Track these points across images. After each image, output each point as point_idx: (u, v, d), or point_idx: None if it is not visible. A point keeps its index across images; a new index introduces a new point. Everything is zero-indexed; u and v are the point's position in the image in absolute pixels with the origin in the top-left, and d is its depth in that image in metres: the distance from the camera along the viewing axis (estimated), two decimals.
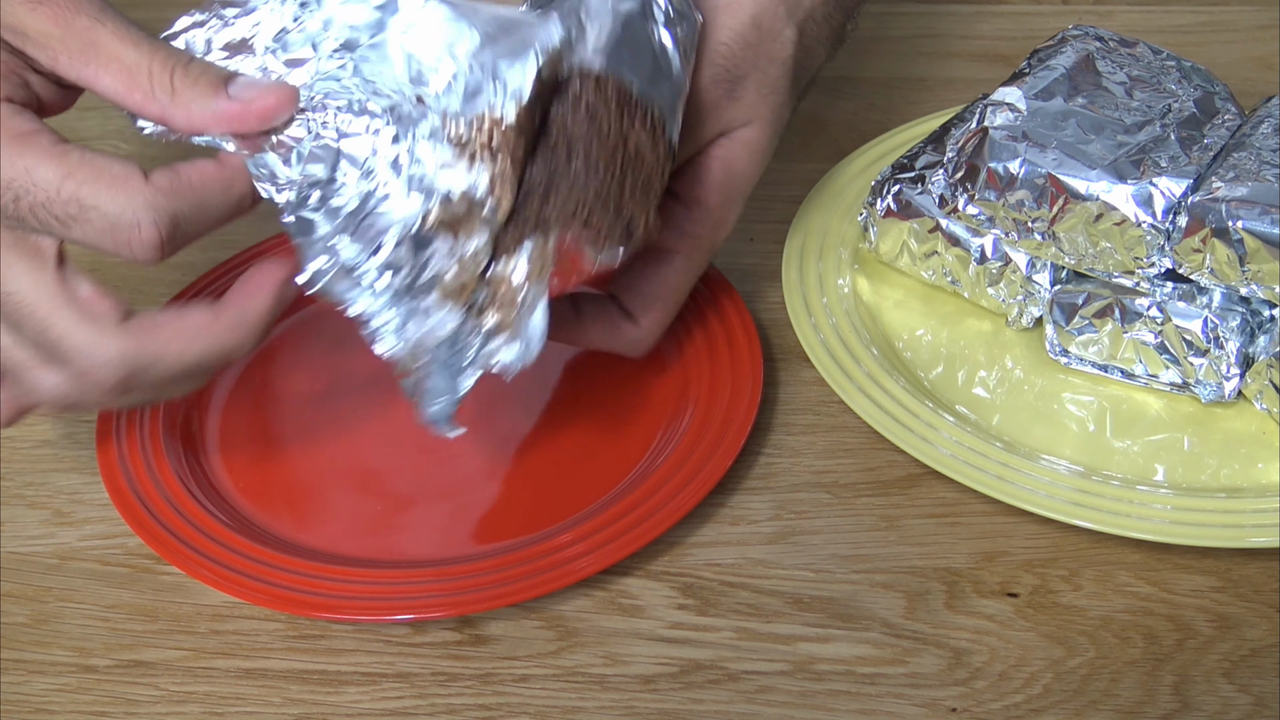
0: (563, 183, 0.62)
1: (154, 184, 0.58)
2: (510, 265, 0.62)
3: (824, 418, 0.73)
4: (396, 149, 0.61)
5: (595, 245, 0.62)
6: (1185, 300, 0.70)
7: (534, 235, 0.62)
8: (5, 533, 0.70)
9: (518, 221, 0.62)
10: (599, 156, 0.63)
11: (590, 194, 0.62)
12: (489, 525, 0.69)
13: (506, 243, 0.62)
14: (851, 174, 0.83)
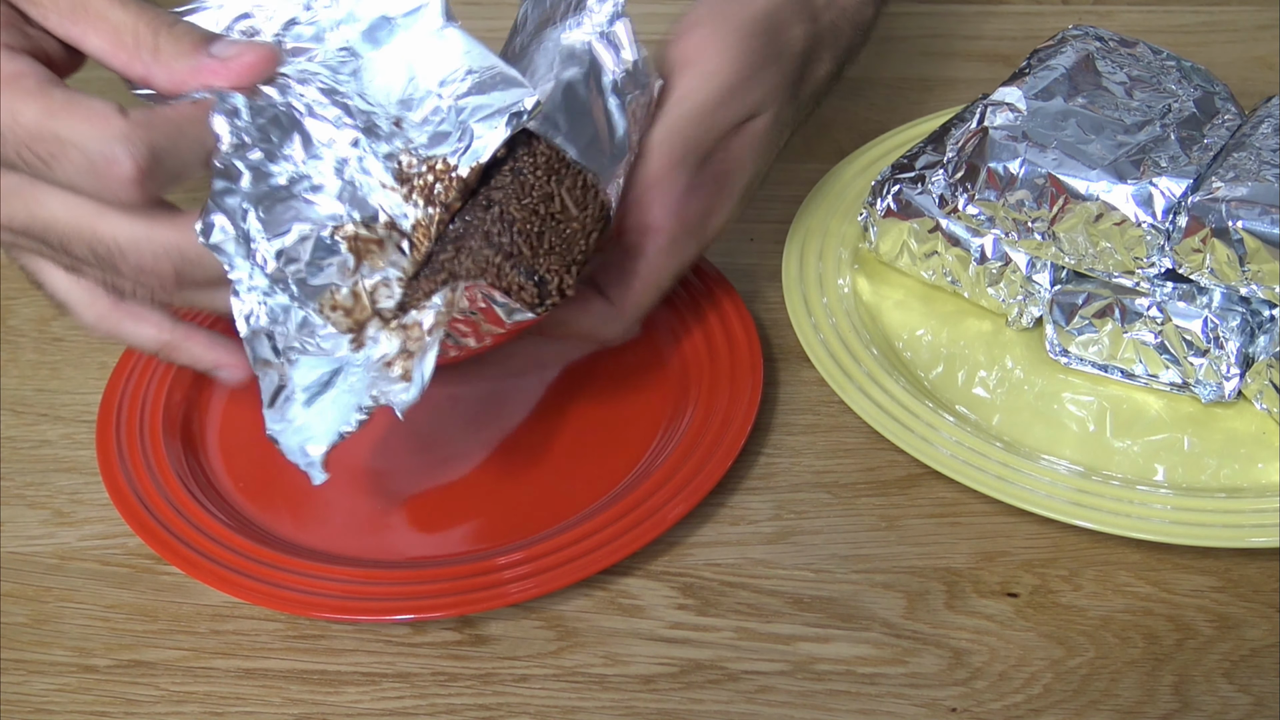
0: (476, 236, 0.63)
1: (130, 118, 0.58)
2: (421, 315, 0.62)
3: (824, 418, 0.73)
4: (351, 152, 0.62)
5: (505, 302, 0.61)
6: (1185, 300, 0.70)
7: (443, 288, 0.62)
8: (5, 533, 0.70)
9: (430, 271, 0.63)
10: (515, 214, 0.63)
11: (499, 252, 0.62)
12: (489, 525, 0.69)
13: (420, 293, 0.62)
14: (851, 174, 0.83)
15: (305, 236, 0.61)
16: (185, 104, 0.60)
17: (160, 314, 0.64)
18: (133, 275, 0.60)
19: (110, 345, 0.79)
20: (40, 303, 0.82)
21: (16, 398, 0.77)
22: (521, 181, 0.64)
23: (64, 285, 0.63)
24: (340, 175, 0.62)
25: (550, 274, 0.63)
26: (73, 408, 0.76)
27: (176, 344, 0.65)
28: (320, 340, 0.62)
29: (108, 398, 0.73)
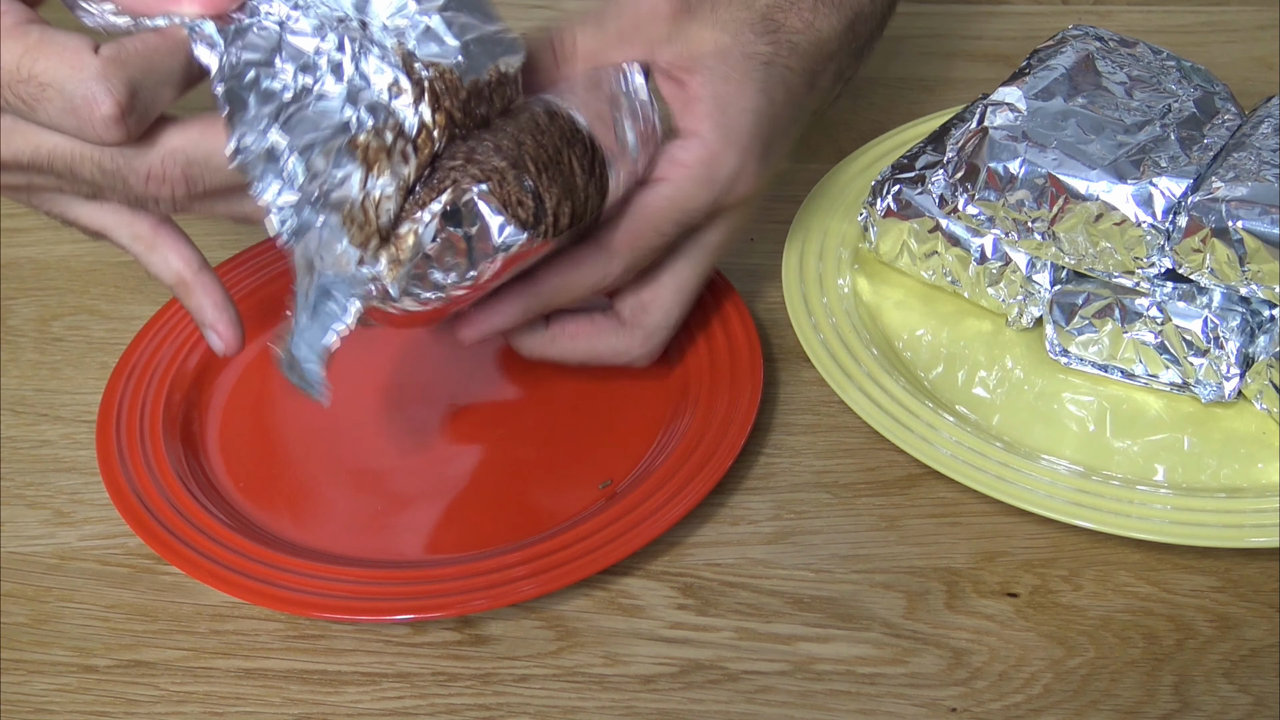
0: (483, 149, 0.62)
1: (102, 55, 0.57)
2: (417, 223, 0.62)
3: (824, 418, 0.73)
4: (341, 56, 0.61)
5: (500, 219, 0.61)
6: (1185, 300, 0.70)
7: (448, 192, 0.61)
8: (5, 533, 0.70)
9: (434, 181, 0.62)
10: (528, 142, 0.63)
11: (506, 160, 0.62)
12: (489, 525, 0.69)
13: (415, 202, 0.62)
14: (851, 174, 0.83)
15: (326, 150, 0.61)
16: (151, 34, 0.59)
17: (193, 250, 0.64)
18: (142, 187, 0.60)
19: (110, 345, 0.79)
20: (40, 302, 0.82)
21: (16, 398, 0.77)
22: (537, 126, 0.64)
23: (92, 214, 0.63)
24: (339, 79, 0.61)
25: (549, 195, 0.63)
26: (73, 408, 0.76)
27: (194, 286, 0.65)
28: (337, 256, 0.62)
29: (108, 398, 0.73)
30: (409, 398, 0.74)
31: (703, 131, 0.69)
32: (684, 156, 0.69)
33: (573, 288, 0.69)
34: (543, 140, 0.63)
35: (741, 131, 0.69)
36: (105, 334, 0.80)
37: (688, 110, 0.69)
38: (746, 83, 0.70)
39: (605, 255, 0.68)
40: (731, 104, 0.69)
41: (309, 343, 0.63)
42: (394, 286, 0.62)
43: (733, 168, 0.69)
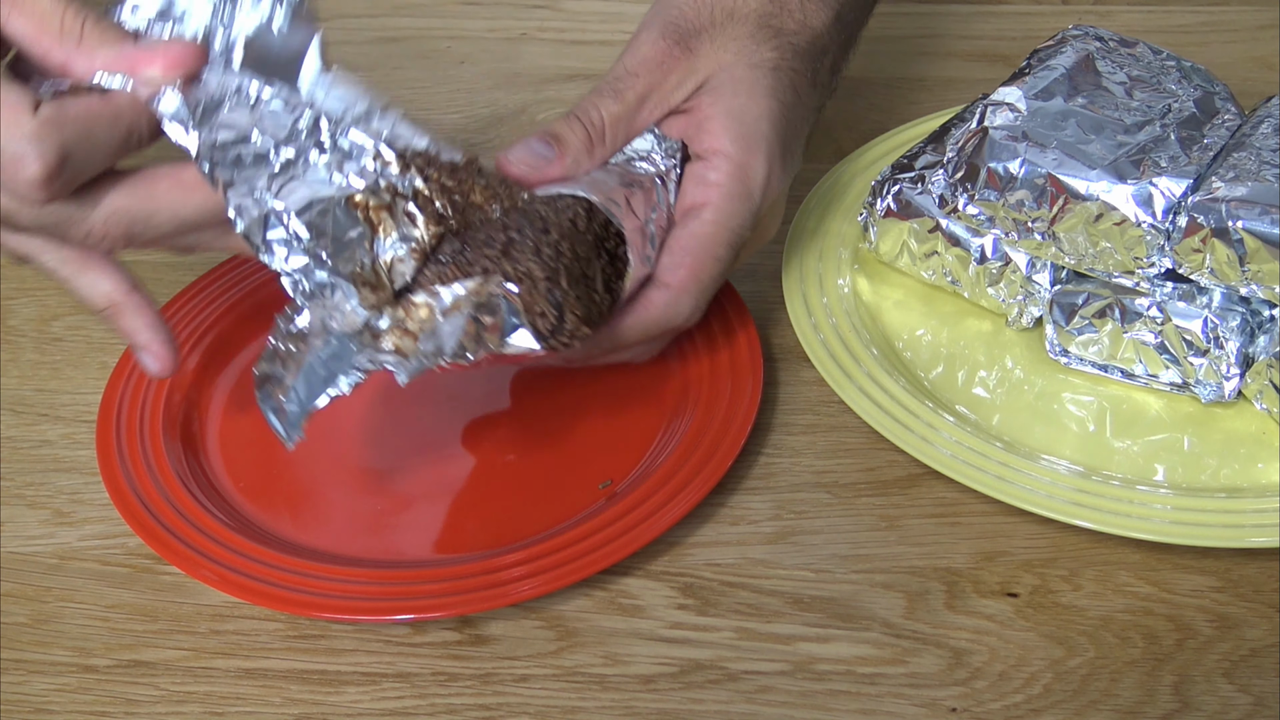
0: (523, 245, 0.63)
1: (40, 115, 0.57)
2: (432, 299, 0.62)
3: (824, 418, 0.73)
4: (320, 131, 0.63)
5: (517, 321, 0.62)
6: (1185, 300, 0.70)
7: (477, 279, 0.62)
8: (5, 533, 0.70)
9: (461, 259, 0.63)
10: (566, 252, 0.64)
11: (542, 268, 0.63)
12: (489, 525, 0.69)
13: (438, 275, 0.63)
14: (851, 174, 0.83)
15: (325, 209, 0.61)
16: (94, 99, 0.59)
17: (123, 272, 0.64)
18: (81, 241, 0.60)
19: (110, 345, 0.79)
20: (40, 302, 0.82)
21: (16, 398, 0.77)
22: (576, 228, 0.65)
23: (17, 241, 0.63)
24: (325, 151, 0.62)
25: (571, 314, 0.63)
26: (73, 408, 0.76)
27: (125, 309, 0.64)
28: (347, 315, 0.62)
29: (108, 398, 0.73)
30: (409, 398, 0.74)
31: (724, 147, 0.70)
32: (714, 176, 0.70)
33: (645, 329, 0.70)
34: (579, 249, 0.64)
35: (761, 138, 0.70)
36: (105, 334, 0.80)
37: (704, 131, 0.70)
38: (756, 90, 0.71)
39: (672, 295, 0.69)
40: (746, 114, 0.70)
41: (300, 395, 0.63)
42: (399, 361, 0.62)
43: (762, 174, 0.70)
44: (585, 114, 0.70)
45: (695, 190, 0.70)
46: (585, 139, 0.69)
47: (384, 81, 0.98)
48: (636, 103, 0.70)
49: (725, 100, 0.70)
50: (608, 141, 0.70)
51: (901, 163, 0.77)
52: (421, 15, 1.04)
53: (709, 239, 0.69)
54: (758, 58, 0.71)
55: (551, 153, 0.69)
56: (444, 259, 0.63)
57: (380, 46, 1.01)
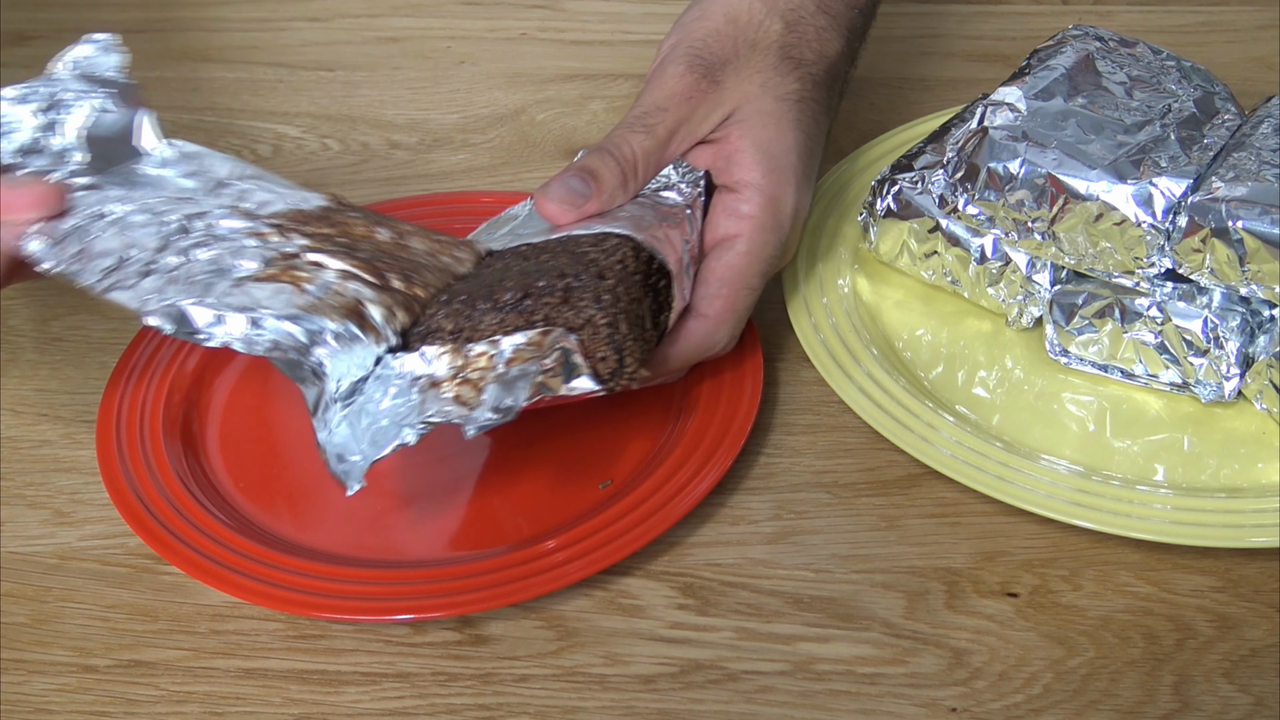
0: (583, 291, 0.64)
1: None
2: (493, 349, 0.62)
3: (824, 418, 0.73)
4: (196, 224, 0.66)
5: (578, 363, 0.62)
6: (1185, 300, 0.70)
7: (539, 329, 0.62)
8: (5, 533, 0.70)
9: (521, 309, 0.63)
10: (624, 292, 0.64)
11: (603, 314, 0.63)
12: (489, 525, 0.69)
13: (499, 324, 0.63)
14: (851, 174, 0.83)
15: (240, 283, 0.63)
16: None
17: None
18: None
19: (110, 345, 0.79)
20: (40, 302, 0.82)
21: (16, 398, 0.77)
22: (627, 270, 0.66)
23: None
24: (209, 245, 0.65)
25: (630, 356, 0.64)
26: (73, 408, 0.76)
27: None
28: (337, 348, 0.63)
29: (108, 398, 0.73)
30: None
31: (755, 180, 0.71)
32: (747, 209, 0.71)
33: (683, 358, 0.71)
34: (632, 291, 0.65)
35: (790, 169, 0.72)
36: (105, 334, 0.80)
37: (734, 163, 0.71)
38: (784, 123, 0.72)
39: (710, 325, 0.70)
40: (775, 146, 0.72)
41: (364, 446, 0.62)
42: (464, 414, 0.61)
43: (791, 205, 0.72)
44: (618, 149, 0.71)
45: (728, 222, 0.71)
46: (619, 175, 0.70)
47: (384, 81, 0.98)
48: (667, 137, 0.71)
49: (754, 133, 0.72)
50: (639, 175, 0.71)
51: (901, 163, 0.77)
52: (421, 15, 1.04)
53: (744, 270, 0.71)
54: (783, 90, 0.73)
55: (589, 190, 0.69)
56: (505, 307, 0.64)
57: (380, 46, 1.01)
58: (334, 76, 0.98)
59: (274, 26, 1.04)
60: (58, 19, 1.04)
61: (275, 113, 0.95)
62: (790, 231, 0.72)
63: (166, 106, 0.96)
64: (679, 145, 0.72)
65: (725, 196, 0.71)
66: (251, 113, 0.96)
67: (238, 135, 0.93)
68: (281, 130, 0.94)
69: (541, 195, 0.70)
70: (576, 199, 0.69)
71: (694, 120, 0.72)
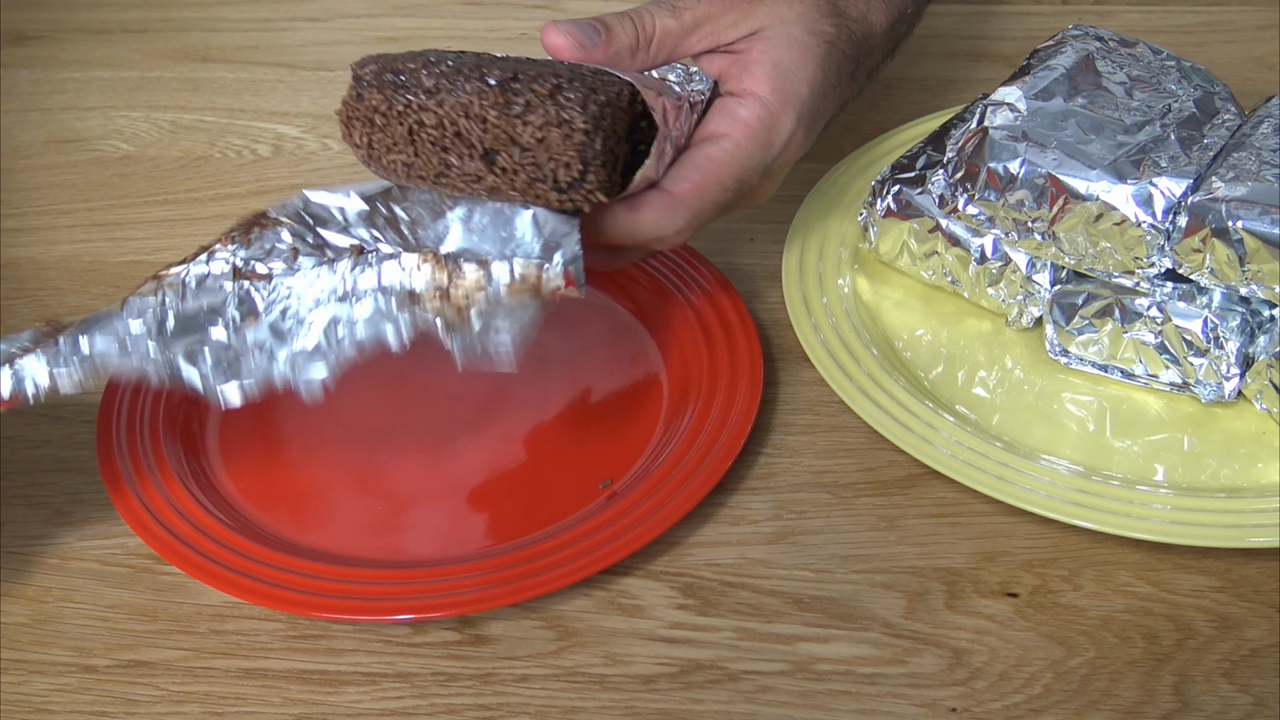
0: (575, 98, 0.63)
1: None
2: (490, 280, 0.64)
3: (824, 418, 0.73)
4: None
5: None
6: (1185, 300, 0.70)
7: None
8: (5, 533, 0.70)
9: (510, 91, 0.63)
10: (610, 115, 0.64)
11: (585, 123, 0.63)
12: (489, 525, 0.69)
13: (476, 95, 0.64)
14: (851, 174, 0.83)
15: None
16: None
17: None
18: None
19: None
20: (40, 303, 0.82)
21: None
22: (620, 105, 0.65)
23: None
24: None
25: (593, 177, 0.64)
26: (73, 408, 0.76)
27: None
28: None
29: (108, 398, 0.73)
30: (409, 398, 0.74)
31: (763, 94, 0.70)
32: (745, 115, 0.70)
33: (635, 231, 0.69)
34: (618, 125, 0.65)
35: (798, 99, 0.71)
36: None
37: (747, 73, 0.71)
38: (808, 55, 0.72)
39: (670, 203, 0.69)
40: (793, 72, 0.71)
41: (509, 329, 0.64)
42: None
43: (789, 130, 0.71)
44: (640, 18, 0.71)
45: (722, 121, 0.70)
46: (633, 39, 0.70)
47: None
48: (691, 25, 0.71)
49: (776, 52, 0.71)
50: (652, 50, 0.71)
51: (901, 163, 0.77)
52: (421, 15, 1.04)
53: (722, 165, 0.70)
54: (818, 26, 0.72)
55: (599, 39, 0.69)
56: (490, 82, 0.63)
57: (380, 47, 1.01)
58: (334, 76, 0.98)
59: (274, 26, 1.04)
60: (58, 19, 1.04)
61: (275, 113, 0.95)
62: (777, 158, 0.71)
63: (166, 106, 0.97)
64: (700, 40, 0.72)
65: (727, 100, 0.71)
66: (251, 113, 0.96)
67: (238, 135, 0.93)
68: (281, 130, 0.94)
69: (550, 25, 0.69)
70: (584, 40, 0.69)
71: (722, 22, 0.71)
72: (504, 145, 0.63)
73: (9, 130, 0.95)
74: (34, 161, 0.92)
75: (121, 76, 0.99)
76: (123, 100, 0.97)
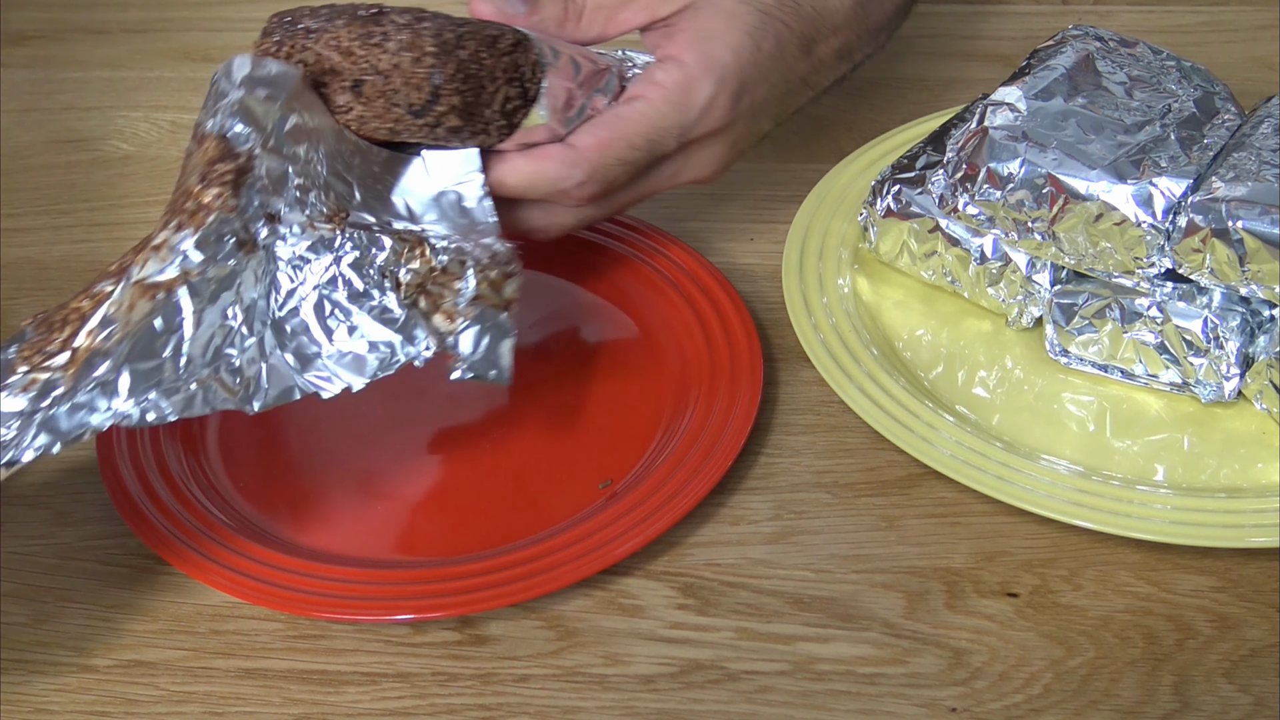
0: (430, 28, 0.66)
1: None
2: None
3: (824, 418, 0.73)
4: None
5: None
6: (1185, 300, 0.70)
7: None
8: (5, 533, 0.70)
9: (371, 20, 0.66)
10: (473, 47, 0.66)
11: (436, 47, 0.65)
12: (489, 525, 0.69)
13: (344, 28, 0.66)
14: (851, 174, 0.83)
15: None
16: None
17: None
18: None
19: None
20: (40, 303, 0.82)
21: None
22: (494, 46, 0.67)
23: None
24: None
25: (445, 103, 0.66)
26: None
27: None
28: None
29: None
30: (408, 397, 0.74)
31: (682, 57, 0.71)
32: (661, 78, 0.71)
33: (534, 181, 0.70)
34: (485, 60, 0.66)
35: (719, 64, 0.71)
36: None
37: (670, 39, 0.72)
38: (734, 23, 0.72)
39: (571, 155, 0.69)
40: (715, 38, 0.71)
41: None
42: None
43: (707, 95, 0.71)
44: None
45: (638, 85, 0.71)
46: (561, 10, 0.72)
47: None
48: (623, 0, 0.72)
49: (701, 20, 0.72)
50: (583, 23, 0.72)
51: (901, 163, 0.77)
52: None
53: (631, 124, 0.70)
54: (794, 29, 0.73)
55: (522, 7, 0.71)
56: (359, 16, 0.66)
57: None
58: None
59: None
60: (58, 19, 1.04)
61: None
62: (697, 121, 0.71)
63: (166, 106, 0.97)
64: (635, 15, 0.73)
65: (649, 67, 0.72)
66: None
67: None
68: None
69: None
70: (507, 8, 0.71)
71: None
72: (367, 74, 0.66)
73: (9, 130, 0.95)
74: (34, 161, 0.93)
75: (121, 76, 0.99)
76: (123, 100, 0.97)
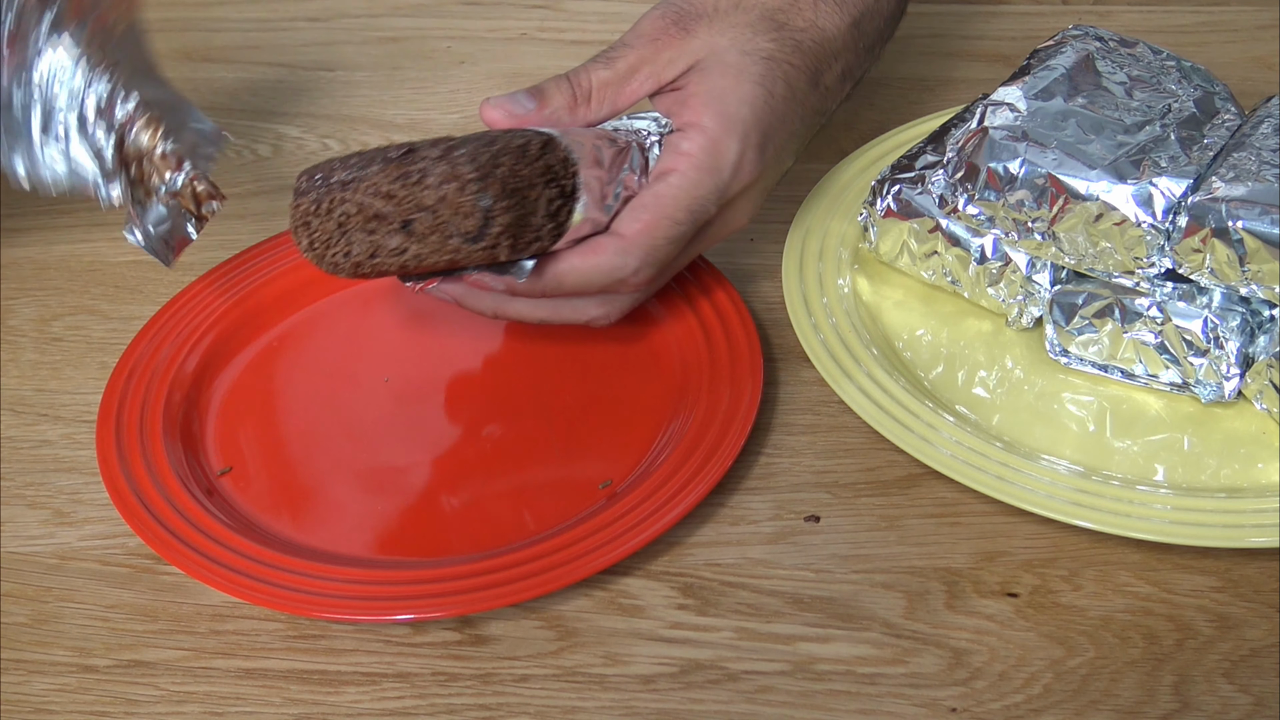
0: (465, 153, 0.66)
1: None
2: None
3: (824, 418, 0.73)
4: None
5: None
6: (1185, 300, 0.70)
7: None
8: (5, 533, 0.70)
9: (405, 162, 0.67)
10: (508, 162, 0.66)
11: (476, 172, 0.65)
12: (489, 525, 0.69)
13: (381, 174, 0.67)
14: (851, 174, 0.83)
15: None
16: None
17: None
18: None
19: (110, 345, 0.79)
20: (40, 303, 0.82)
21: (16, 398, 0.77)
22: (525, 154, 0.67)
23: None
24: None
25: (499, 224, 0.66)
26: (73, 408, 0.76)
27: None
28: None
29: (108, 398, 0.73)
30: (409, 398, 0.74)
31: (702, 121, 0.71)
32: (687, 146, 0.71)
33: (590, 277, 0.70)
34: (521, 169, 0.66)
35: (739, 120, 0.72)
36: (105, 334, 0.80)
37: (686, 106, 0.72)
38: (743, 76, 0.72)
39: (622, 245, 0.70)
40: (729, 95, 0.72)
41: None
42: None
43: (735, 154, 0.71)
44: (574, 76, 0.72)
45: (667, 157, 0.71)
46: (570, 98, 0.72)
47: (384, 81, 0.98)
48: (627, 72, 0.72)
49: (711, 80, 0.72)
50: (593, 104, 0.72)
51: (901, 163, 0.77)
52: (421, 15, 1.04)
53: (670, 200, 0.70)
54: (751, 46, 0.73)
55: (531, 105, 0.71)
56: (391, 159, 0.66)
57: (380, 46, 1.01)
58: (334, 76, 0.98)
59: (274, 26, 1.04)
60: None
61: (275, 113, 0.95)
62: (730, 180, 0.72)
63: None
64: (641, 85, 0.73)
65: (672, 136, 0.72)
66: (251, 113, 0.96)
67: (238, 135, 0.93)
68: (281, 130, 0.94)
69: (486, 101, 0.71)
70: (514, 109, 0.71)
71: (658, 63, 0.73)
72: (414, 212, 0.66)
73: None
74: None
75: None
76: None
